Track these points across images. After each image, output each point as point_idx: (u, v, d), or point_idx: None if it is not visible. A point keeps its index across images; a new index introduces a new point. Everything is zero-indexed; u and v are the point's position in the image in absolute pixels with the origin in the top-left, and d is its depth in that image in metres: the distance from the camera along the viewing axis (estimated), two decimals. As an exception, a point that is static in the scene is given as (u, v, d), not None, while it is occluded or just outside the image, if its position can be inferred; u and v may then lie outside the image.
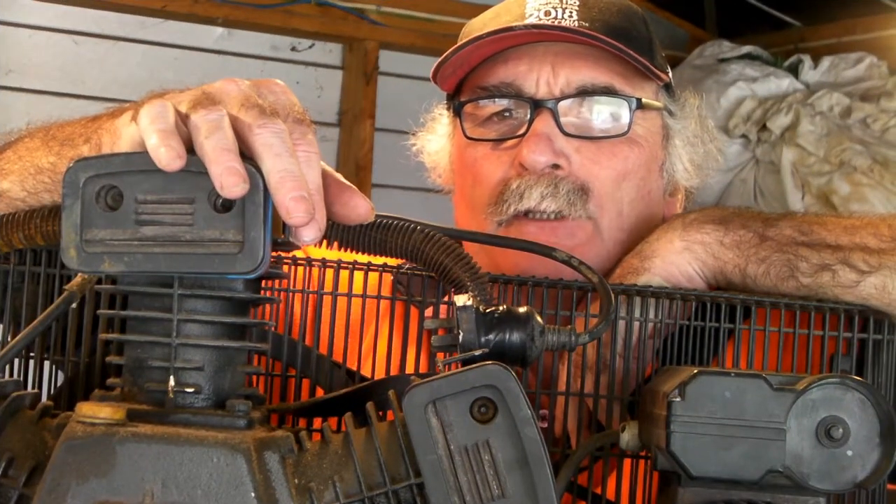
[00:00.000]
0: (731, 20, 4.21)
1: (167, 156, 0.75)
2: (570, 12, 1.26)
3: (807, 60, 3.74)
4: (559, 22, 1.25)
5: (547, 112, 1.25)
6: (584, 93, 1.26)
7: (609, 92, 1.26)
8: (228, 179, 0.74)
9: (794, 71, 3.77)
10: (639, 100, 1.27)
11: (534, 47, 1.27)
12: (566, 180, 1.24)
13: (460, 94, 1.34)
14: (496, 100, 1.29)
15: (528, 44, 1.27)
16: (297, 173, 0.76)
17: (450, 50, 1.28)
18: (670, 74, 1.33)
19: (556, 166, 1.24)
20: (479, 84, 1.30)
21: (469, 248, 1.28)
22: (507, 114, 1.29)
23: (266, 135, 0.77)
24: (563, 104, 1.25)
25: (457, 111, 1.32)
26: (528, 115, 1.26)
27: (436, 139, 1.39)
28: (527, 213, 1.24)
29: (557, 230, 1.24)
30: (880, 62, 3.68)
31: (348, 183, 0.84)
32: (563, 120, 1.25)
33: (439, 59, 1.29)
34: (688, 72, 3.81)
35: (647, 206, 1.29)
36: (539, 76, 1.26)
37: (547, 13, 1.26)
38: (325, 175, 0.82)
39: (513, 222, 1.25)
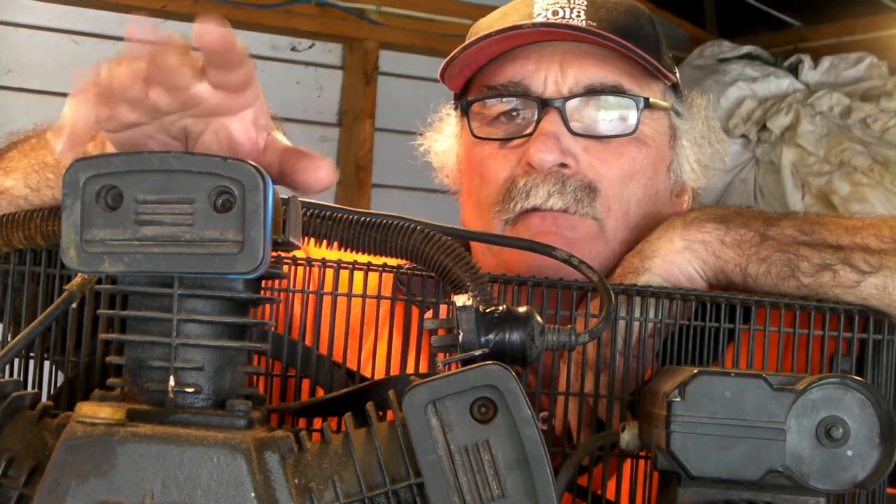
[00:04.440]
0: (731, 20, 4.21)
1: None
2: (578, 12, 1.26)
3: (807, 60, 3.74)
4: (567, 21, 1.25)
5: (554, 111, 1.25)
6: (592, 92, 1.26)
7: (617, 91, 1.26)
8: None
9: (794, 71, 3.76)
10: (646, 99, 1.27)
11: (542, 46, 1.27)
12: (573, 179, 1.24)
13: (468, 93, 1.34)
14: (504, 99, 1.29)
15: (536, 43, 1.27)
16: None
17: (457, 49, 1.28)
18: (678, 75, 1.33)
19: (563, 165, 1.24)
20: (486, 83, 1.30)
21: (476, 246, 1.29)
22: (514, 113, 1.29)
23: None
24: (570, 103, 1.25)
25: (464, 110, 1.32)
26: (536, 115, 1.26)
27: (443, 139, 1.39)
28: (533, 210, 1.24)
29: (559, 220, 1.24)
30: (880, 62, 3.68)
31: (306, 150, 0.83)
32: (570, 119, 1.25)
33: (447, 58, 1.29)
34: (688, 72, 3.81)
35: (653, 206, 1.29)
36: (547, 75, 1.26)
37: (555, 13, 1.26)
38: (282, 149, 0.82)
39: (519, 219, 1.25)
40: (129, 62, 0.78)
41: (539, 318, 0.87)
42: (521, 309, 0.87)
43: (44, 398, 0.99)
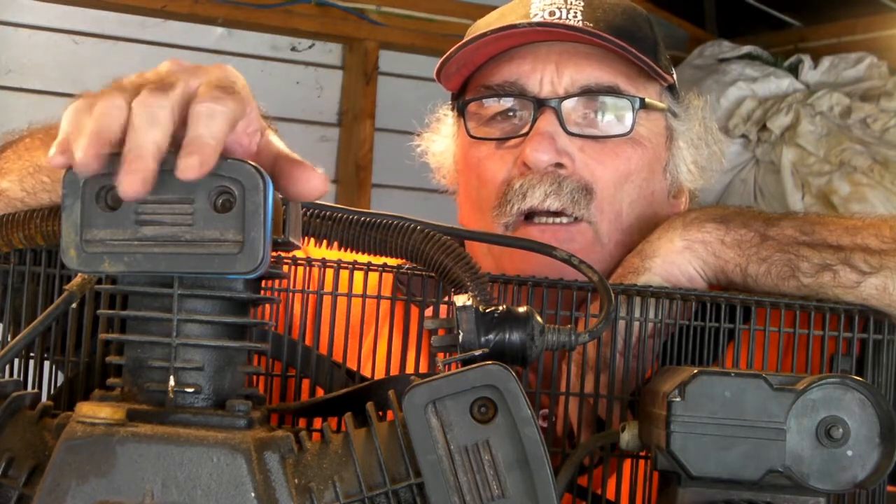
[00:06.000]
0: (731, 20, 4.21)
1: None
2: (575, 12, 1.26)
3: (807, 60, 3.74)
4: (564, 21, 1.25)
5: (550, 111, 1.25)
6: (589, 92, 1.26)
7: (613, 92, 1.26)
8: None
9: (794, 71, 3.76)
10: (642, 100, 1.27)
11: (537, 46, 1.27)
12: (570, 179, 1.24)
13: (465, 93, 1.34)
14: (500, 99, 1.29)
15: (533, 43, 1.28)
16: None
17: (453, 48, 1.28)
18: (675, 76, 1.33)
19: (559, 165, 1.24)
20: (482, 83, 1.30)
21: (474, 252, 1.29)
22: (511, 113, 1.29)
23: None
24: (566, 103, 1.25)
25: (460, 110, 1.32)
26: (532, 115, 1.26)
27: (440, 140, 1.39)
28: (530, 215, 1.24)
29: (558, 233, 1.24)
30: (880, 62, 3.67)
31: (300, 159, 0.83)
32: (566, 119, 1.25)
33: (442, 58, 1.29)
34: (688, 72, 3.81)
35: (649, 207, 1.29)
36: (543, 75, 1.26)
37: (552, 13, 1.26)
38: (276, 153, 0.82)
39: (517, 227, 1.25)
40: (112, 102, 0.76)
41: (539, 318, 0.87)
42: (521, 309, 0.87)
43: (44, 398, 0.99)
